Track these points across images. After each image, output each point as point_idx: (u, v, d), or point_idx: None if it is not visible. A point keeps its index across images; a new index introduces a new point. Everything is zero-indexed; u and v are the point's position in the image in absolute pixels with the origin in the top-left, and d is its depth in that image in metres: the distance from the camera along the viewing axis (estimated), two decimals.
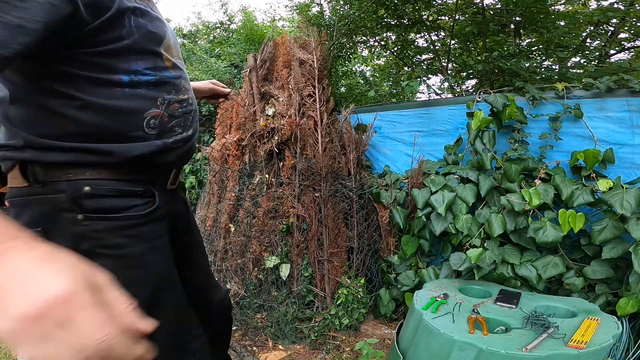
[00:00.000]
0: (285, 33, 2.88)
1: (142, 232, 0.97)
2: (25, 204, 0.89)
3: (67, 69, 0.84)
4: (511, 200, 2.17)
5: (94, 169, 0.91)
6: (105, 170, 0.93)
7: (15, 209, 0.92)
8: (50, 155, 0.87)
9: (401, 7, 3.37)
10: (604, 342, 1.53)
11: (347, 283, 2.56)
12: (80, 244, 0.89)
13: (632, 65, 2.58)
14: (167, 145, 1.01)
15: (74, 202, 0.88)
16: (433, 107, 2.75)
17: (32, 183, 0.89)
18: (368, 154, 3.07)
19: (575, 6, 3.74)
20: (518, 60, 2.67)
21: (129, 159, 0.94)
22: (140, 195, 0.99)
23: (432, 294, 2.05)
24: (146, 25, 0.94)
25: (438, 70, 3.78)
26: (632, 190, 1.92)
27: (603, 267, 2.01)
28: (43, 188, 0.88)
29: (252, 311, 2.63)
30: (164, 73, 1.00)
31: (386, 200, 2.66)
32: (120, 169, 0.95)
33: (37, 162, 0.88)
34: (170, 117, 1.02)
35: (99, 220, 0.90)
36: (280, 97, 2.73)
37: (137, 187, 0.98)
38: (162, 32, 1.00)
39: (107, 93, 0.89)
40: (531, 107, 2.34)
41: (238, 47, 4.99)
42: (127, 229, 0.94)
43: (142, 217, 0.97)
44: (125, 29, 0.89)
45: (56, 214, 0.88)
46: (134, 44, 0.91)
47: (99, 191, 0.91)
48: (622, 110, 2.10)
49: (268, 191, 2.78)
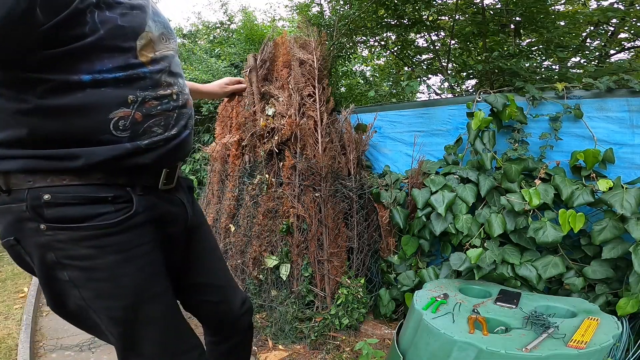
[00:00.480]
0: (285, 33, 2.87)
1: (113, 242, 0.90)
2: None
3: (17, 71, 0.79)
4: (511, 200, 2.17)
5: (56, 175, 0.86)
6: (69, 176, 0.87)
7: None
8: (6, 164, 0.83)
9: (401, 7, 3.37)
10: (604, 342, 1.54)
11: (347, 283, 2.56)
12: (46, 255, 0.86)
13: (632, 65, 2.58)
14: (140, 147, 0.93)
15: (35, 212, 0.84)
16: (433, 107, 2.75)
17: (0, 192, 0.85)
18: (368, 154, 3.07)
19: (575, 6, 3.74)
20: (518, 60, 2.67)
21: (92, 164, 0.87)
22: (111, 202, 0.91)
23: (432, 294, 2.05)
24: (114, 19, 0.86)
25: (438, 70, 3.79)
26: (632, 190, 1.92)
27: (603, 267, 2.01)
28: (8, 197, 0.85)
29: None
30: (137, 70, 0.91)
31: (386, 200, 2.67)
32: (85, 174, 0.88)
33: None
34: (146, 116, 0.93)
35: (62, 230, 0.85)
36: (280, 97, 2.73)
37: (106, 192, 0.91)
38: (137, 25, 0.91)
39: (62, 95, 0.82)
40: (531, 107, 2.34)
41: (238, 47, 4.99)
42: (94, 239, 0.88)
43: (113, 225, 0.90)
44: (87, 25, 0.82)
45: (21, 224, 0.85)
46: (99, 41, 0.84)
47: (59, 199, 0.85)
48: (622, 110, 2.10)
49: (268, 191, 2.78)
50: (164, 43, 1.00)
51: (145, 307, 0.96)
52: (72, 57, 0.82)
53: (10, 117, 0.82)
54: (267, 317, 2.58)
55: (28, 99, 0.81)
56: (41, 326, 3.05)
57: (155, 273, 1.00)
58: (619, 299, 1.90)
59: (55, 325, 3.04)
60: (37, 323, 3.10)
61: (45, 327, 3.04)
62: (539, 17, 2.92)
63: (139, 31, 0.92)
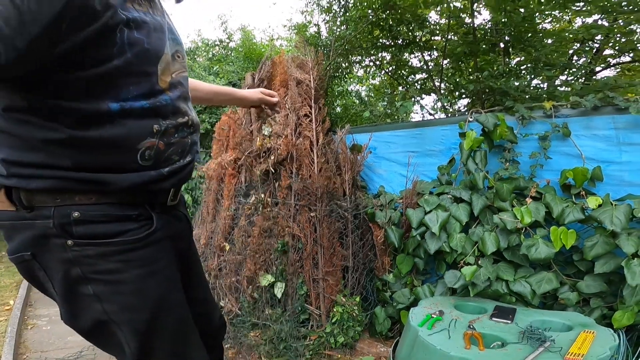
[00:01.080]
0: (283, 52, 2.96)
1: (138, 257, 0.93)
2: (14, 228, 0.87)
3: (47, 99, 0.79)
4: (503, 219, 2.21)
5: (83, 194, 0.87)
6: (95, 196, 0.88)
7: (6, 231, 0.90)
8: (32, 182, 0.84)
9: (396, 28, 3.50)
10: (601, 354, 1.55)
11: (343, 301, 2.55)
12: (72, 270, 0.87)
13: (617, 82, 2.67)
14: (163, 174, 0.96)
15: (62, 228, 0.85)
16: (426, 127, 2.82)
17: (19, 208, 0.85)
18: (363, 174, 3.11)
19: (561, 24, 3.89)
20: (507, 80, 2.76)
21: (122, 188, 0.90)
22: (135, 219, 0.94)
23: (428, 311, 2.05)
24: (142, 42, 0.84)
25: (431, 90, 3.89)
26: (621, 206, 1.97)
27: (596, 282, 2.03)
28: (30, 213, 0.85)
29: (246, 329, 2.61)
30: (159, 97, 0.91)
31: (381, 220, 2.69)
32: (112, 194, 0.90)
33: (22, 188, 0.84)
34: (167, 145, 0.94)
35: (90, 245, 0.87)
36: (277, 117, 2.79)
37: (131, 211, 0.94)
38: (159, 47, 0.89)
39: (93, 127, 0.82)
40: (521, 127, 2.40)
41: (236, 65, 5.08)
42: (121, 254, 0.90)
43: (138, 241, 0.93)
44: (115, 47, 0.80)
45: (45, 239, 0.86)
46: (126, 65, 0.82)
47: (88, 217, 0.87)
48: (608, 127, 2.16)
49: (264, 210, 2.79)
50: (178, 61, 0.99)
51: (163, 318, 0.98)
52: (99, 81, 0.80)
53: (40, 144, 0.82)
54: (262, 335, 2.54)
55: (59, 128, 0.81)
56: (25, 339, 3.03)
57: (173, 286, 1.03)
58: (615, 312, 1.91)
59: (40, 338, 3.02)
60: (22, 336, 3.08)
61: (30, 340, 3.02)
62: (527, 36, 3.03)
63: (160, 55, 0.90)
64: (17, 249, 0.88)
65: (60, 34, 0.71)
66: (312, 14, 4.44)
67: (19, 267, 0.91)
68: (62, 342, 2.98)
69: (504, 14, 2.98)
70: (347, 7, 3.76)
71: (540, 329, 1.78)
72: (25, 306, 3.68)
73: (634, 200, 1.99)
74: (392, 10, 3.46)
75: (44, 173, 0.83)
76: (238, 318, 2.66)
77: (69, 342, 2.98)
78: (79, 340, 2.98)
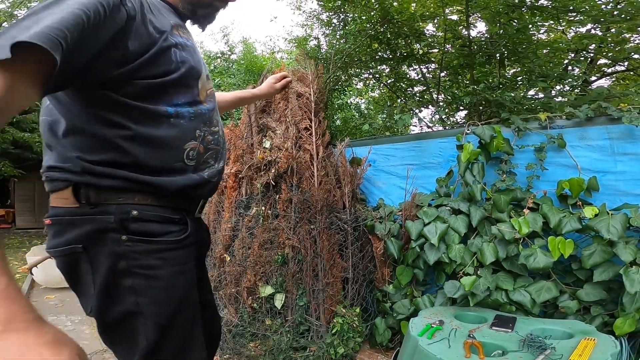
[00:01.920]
0: (284, 65, 3.02)
1: (174, 257, 1.02)
2: (72, 223, 0.94)
3: (119, 97, 0.91)
4: (502, 230, 2.23)
5: (142, 195, 0.98)
6: (151, 197, 1.00)
7: (58, 227, 0.97)
8: (104, 181, 0.94)
9: (394, 41, 3.56)
10: None
11: (343, 312, 2.55)
12: (119, 262, 0.95)
13: (611, 92, 2.71)
14: (204, 178, 1.09)
15: (121, 224, 0.95)
16: (425, 140, 2.86)
17: (84, 204, 0.94)
18: (363, 187, 3.14)
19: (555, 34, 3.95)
20: (503, 92, 2.80)
21: (172, 191, 1.02)
22: (176, 223, 1.05)
23: (428, 321, 2.06)
24: (189, 60, 1.02)
25: (429, 102, 3.94)
26: (617, 216, 2.00)
27: (596, 290, 2.05)
28: (93, 209, 0.94)
29: (245, 340, 2.60)
30: (199, 106, 1.06)
31: (380, 232, 2.71)
32: (163, 198, 1.02)
33: (93, 185, 0.94)
34: (205, 149, 1.09)
35: (140, 242, 0.97)
36: (278, 129, 2.83)
37: (175, 215, 1.05)
38: (199, 67, 1.07)
39: (154, 123, 0.96)
40: (517, 138, 2.44)
41: (238, 77, 5.14)
42: (162, 252, 1.00)
43: (177, 242, 1.03)
44: (173, 64, 0.97)
45: (102, 234, 0.94)
46: (180, 78, 0.99)
47: (144, 216, 0.98)
48: (602, 138, 2.20)
49: (264, 223, 2.81)
50: (209, 81, 1.16)
51: (183, 315, 1.06)
52: (159, 88, 0.96)
53: (110, 142, 0.93)
54: (261, 346, 2.54)
55: (128, 125, 0.93)
56: None
57: (192, 287, 1.11)
58: (616, 320, 1.93)
59: None
60: None
61: None
62: (521, 47, 3.09)
63: (200, 73, 1.07)
64: (68, 241, 0.94)
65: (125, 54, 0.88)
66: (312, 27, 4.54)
67: (62, 259, 0.96)
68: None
69: (499, 26, 3.05)
70: (346, 21, 3.85)
71: (541, 337, 1.78)
72: None
73: (630, 210, 2.02)
74: (390, 24, 3.54)
75: (114, 172, 0.94)
76: (238, 329, 2.65)
77: None
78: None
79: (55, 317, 3.77)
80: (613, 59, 3.62)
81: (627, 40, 3.18)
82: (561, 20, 3.33)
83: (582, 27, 3.41)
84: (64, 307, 4.17)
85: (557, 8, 3.06)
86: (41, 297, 4.53)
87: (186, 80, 1.01)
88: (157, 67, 0.94)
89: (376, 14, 3.53)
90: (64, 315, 3.84)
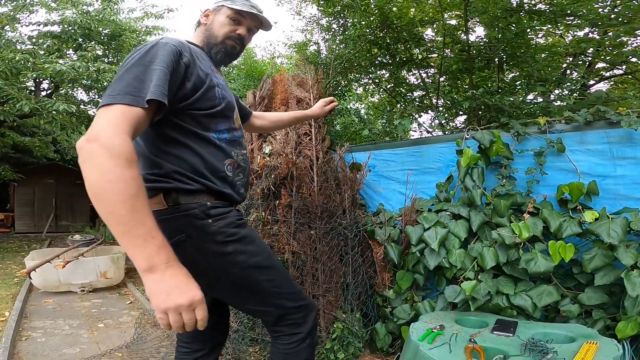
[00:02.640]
0: (284, 70, 3.02)
1: (244, 222, 1.40)
2: (162, 221, 1.12)
3: (183, 124, 1.27)
4: (502, 234, 2.23)
5: (207, 196, 1.32)
6: (213, 197, 1.34)
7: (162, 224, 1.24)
8: (187, 185, 1.27)
9: (393, 46, 3.58)
10: None
11: (343, 317, 2.54)
12: (217, 237, 1.29)
13: (609, 96, 2.71)
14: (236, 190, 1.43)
15: (205, 213, 1.28)
16: (424, 145, 2.86)
17: (171, 206, 1.25)
18: (362, 192, 3.14)
19: (553, 38, 3.97)
20: (502, 96, 2.81)
21: (223, 194, 1.37)
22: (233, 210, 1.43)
23: (428, 326, 2.05)
24: (226, 97, 1.38)
25: (428, 107, 3.95)
26: (617, 220, 2.00)
27: (597, 294, 2.04)
28: (177, 208, 1.26)
29: (245, 345, 2.59)
30: (234, 133, 1.42)
31: (380, 237, 2.71)
32: (220, 198, 1.37)
33: (180, 190, 1.26)
34: (238, 166, 1.43)
35: (221, 220, 1.31)
36: (278, 135, 2.83)
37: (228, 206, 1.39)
38: (233, 102, 1.44)
39: (205, 144, 1.32)
40: (516, 143, 2.45)
41: (238, 82, 5.15)
42: (235, 221, 1.35)
43: (240, 217, 1.40)
44: (216, 99, 1.33)
45: (194, 223, 1.27)
46: (222, 110, 1.35)
47: (214, 204, 1.32)
48: (601, 142, 2.21)
49: (264, 228, 2.81)
50: (237, 114, 1.51)
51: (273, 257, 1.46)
52: (208, 118, 1.32)
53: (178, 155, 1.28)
54: (261, 351, 2.53)
55: (189, 144, 1.28)
56: (19, 350, 3.03)
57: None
58: (618, 323, 1.92)
59: (35, 350, 3.01)
60: (16, 347, 3.07)
61: (24, 351, 3.01)
62: (520, 52, 3.10)
63: (234, 107, 1.45)
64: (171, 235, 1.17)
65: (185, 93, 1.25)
66: (312, 32, 4.56)
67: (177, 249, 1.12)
68: (57, 354, 2.96)
69: (497, 30, 3.06)
70: (345, 26, 3.87)
71: (543, 341, 1.78)
72: (20, 318, 3.71)
73: (631, 213, 2.02)
74: (390, 29, 3.56)
75: (194, 178, 1.28)
76: (237, 334, 2.64)
77: (63, 354, 2.96)
78: (75, 352, 2.98)
79: (52, 321, 3.75)
80: (611, 62, 3.63)
81: (624, 43, 3.19)
82: (559, 24, 3.35)
83: (580, 30, 3.43)
84: (62, 310, 4.16)
85: (555, 12, 3.08)
86: (39, 301, 4.51)
87: (226, 112, 1.37)
88: (205, 102, 1.30)
89: (376, 19, 3.56)
90: (61, 319, 3.82)
